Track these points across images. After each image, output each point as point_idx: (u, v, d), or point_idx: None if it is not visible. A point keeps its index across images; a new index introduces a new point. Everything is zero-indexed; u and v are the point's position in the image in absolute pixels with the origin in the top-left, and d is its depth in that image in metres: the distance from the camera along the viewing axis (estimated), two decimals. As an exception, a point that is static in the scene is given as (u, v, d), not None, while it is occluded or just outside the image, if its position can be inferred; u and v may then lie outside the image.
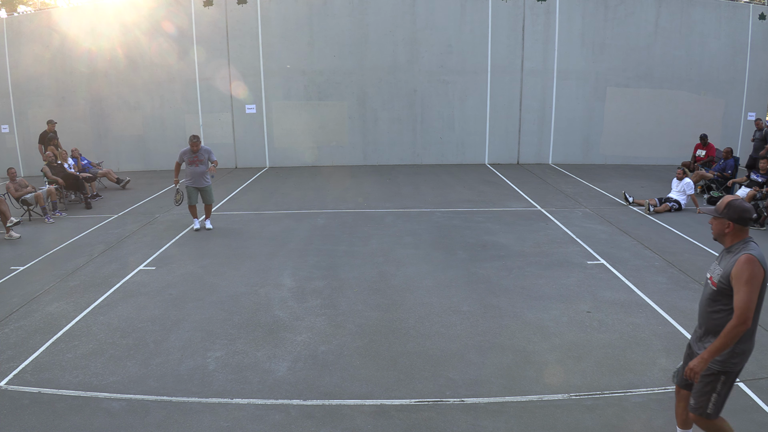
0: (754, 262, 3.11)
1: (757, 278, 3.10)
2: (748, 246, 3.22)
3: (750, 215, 3.26)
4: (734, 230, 3.27)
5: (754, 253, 3.15)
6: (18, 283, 7.10)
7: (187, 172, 9.35)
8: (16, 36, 15.49)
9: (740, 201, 3.28)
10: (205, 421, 4.16)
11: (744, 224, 3.26)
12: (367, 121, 16.03)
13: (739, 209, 3.23)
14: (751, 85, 16.09)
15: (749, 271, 3.09)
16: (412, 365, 4.94)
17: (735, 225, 3.26)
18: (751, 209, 3.30)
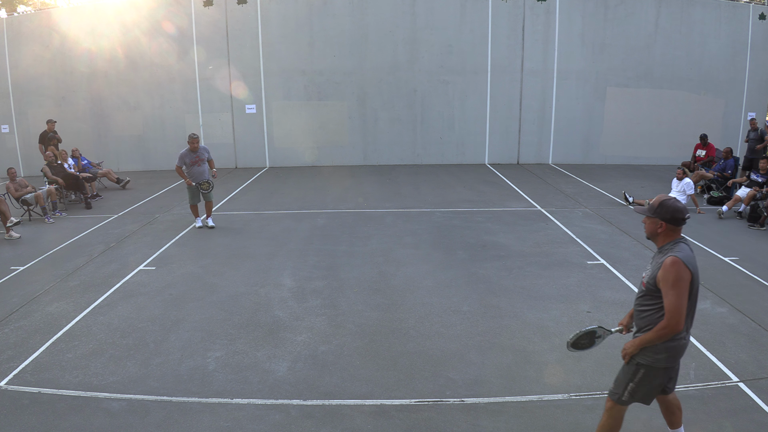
0: (679, 264, 3.08)
1: (684, 280, 3.07)
2: (676, 247, 3.17)
3: (682, 215, 3.21)
4: (666, 230, 3.24)
5: (680, 255, 3.12)
6: (18, 283, 7.09)
7: (188, 173, 9.35)
8: (16, 36, 15.50)
9: (673, 200, 3.25)
10: (205, 421, 4.16)
11: (676, 224, 3.21)
12: (367, 121, 16.03)
13: (671, 209, 3.21)
14: (751, 85, 16.10)
15: (675, 274, 3.06)
16: (412, 365, 4.94)
17: (667, 225, 3.23)
18: (684, 209, 3.25)
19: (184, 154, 9.30)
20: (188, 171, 9.32)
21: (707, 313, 5.95)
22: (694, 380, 4.63)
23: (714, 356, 5.00)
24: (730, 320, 5.76)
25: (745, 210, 9.80)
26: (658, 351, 3.22)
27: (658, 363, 3.24)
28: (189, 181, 9.33)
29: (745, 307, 6.07)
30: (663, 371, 3.29)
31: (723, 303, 6.20)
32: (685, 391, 4.46)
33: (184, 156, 9.29)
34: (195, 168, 9.33)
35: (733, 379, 4.62)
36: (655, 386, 3.35)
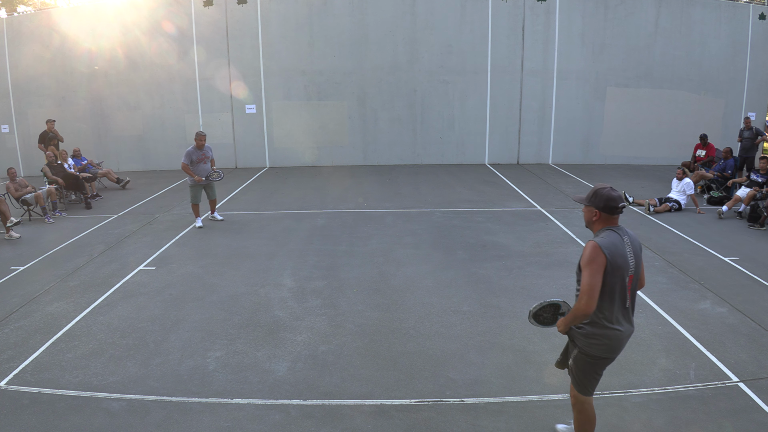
0: (596, 248, 3.18)
1: (596, 262, 3.15)
2: (602, 233, 3.28)
3: (616, 204, 3.28)
4: (601, 218, 3.33)
5: (600, 240, 3.22)
6: (18, 283, 7.10)
7: (193, 171, 9.40)
8: (16, 36, 15.50)
9: (608, 190, 3.32)
10: (205, 421, 4.16)
11: (610, 212, 3.29)
12: (367, 121, 16.03)
13: (605, 197, 3.29)
14: (751, 85, 16.10)
15: (588, 255, 3.18)
16: (412, 365, 4.94)
17: (601, 213, 3.32)
18: (617, 198, 3.30)
19: (190, 151, 9.36)
20: (193, 169, 9.38)
21: (707, 313, 5.95)
22: (694, 380, 4.63)
23: (714, 356, 5.00)
24: (730, 320, 5.76)
25: (745, 210, 9.80)
26: (587, 336, 3.32)
27: (593, 350, 3.33)
28: (198, 177, 9.38)
29: (745, 307, 6.07)
30: (596, 359, 3.37)
31: (723, 303, 6.20)
32: (685, 391, 4.47)
33: (190, 153, 9.35)
34: (201, 165, 9.42)
35: (733, 379, 4.62)
36: (591, 375, 3.46)
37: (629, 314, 3.35)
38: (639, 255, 3.33)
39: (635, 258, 3.29)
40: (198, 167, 9.43)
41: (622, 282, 3.24)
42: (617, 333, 3.29)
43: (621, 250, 3.23)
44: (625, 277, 3.25)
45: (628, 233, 3.34)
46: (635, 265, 3.30)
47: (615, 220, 3.33)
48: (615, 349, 3.37)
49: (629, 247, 3.28)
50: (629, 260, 3.26)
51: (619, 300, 3.26)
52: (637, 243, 3.35)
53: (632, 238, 3.34)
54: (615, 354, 3.41)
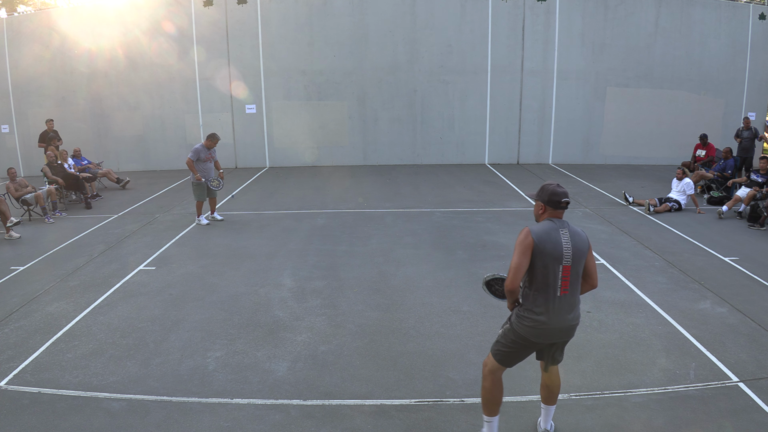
0: (526, 232, 3.40)
1: (523, 244, 3.37)
2: (540, 222, 3.50)
3: (558, 198, 3.46)
4: (546, 211, 3.52)
5: (533, 226, 3.45)
6: (18, 283, 7.09)
7: (198, 168, 9.47)
8: (16, 36, 15.50)
9: (554, 186, 3.51)
10: (205, 421, 4.16)
11: (554, 207, 3.49)
12: (367, 121, 16.03)
13: (548, 192, 3.50)
14: (751, 85, 16.10)
15: (518, 238, 3.41)
16: (412, 365, 4.94)
17: (547, 207, 3.51)
18: (561, 194, 3.47)
19: (199, 149, 9.46)
20: (198, 166, 9.45)
21: (707, 313, 5.95)
22: (694, 380, 4.63)
23: (714, 356, 5.00)
24: (730, 320, 5.76)
25: (745, 210, 9.80)
26: (518, 315, 3.50)
27: (519, 329, 3.48)
28: (199, 177, 9.44)
29: (745, 307, 6.07)
30: (522, 339, 3.50)
31: (723, 303, 6.20)
32: (685, 391, 4.47)
33: (199, 151, 9.45)
34: (206, 164, 9.54)
35: (733, 379, 4.62)
36: (513, 350, 3.56)
37: (566, 305, 3.44)
38: (581, 251, 3.44)
39: (573, 250, 3.40)
40: (204, 166, 9.51)
41: (555, 270, 3.37)
42: (543, 321, 3.42)
43: (553, 238, 3.38)
44: (558, 266, 3.38)
45: (571, 228, 3.48)
46: (573, 257, 3.40)
47: (559, 214, 3.52)
48: (541, 336, 3.48)
49: (566, 238, 3.41)
50: (563, 249, 3.38)
51: (552, 289, 3.39)
52: (580, 238, 3.47)
53: (575, 232, 3.47)
54: (542, 340, 3.52)
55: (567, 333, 3.54)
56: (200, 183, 9.50)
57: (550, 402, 3.84)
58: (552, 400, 3.83)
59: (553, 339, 3.53)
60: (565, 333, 3.52)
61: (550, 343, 3.57)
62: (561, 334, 3.51)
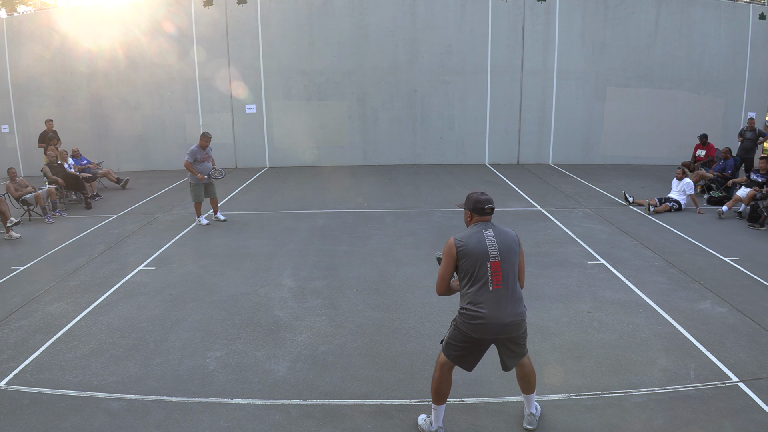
0: (449, 242, 3.68)
1: (446, 255, 3.67)
2: (465, 230, 3.76)
3: (482, 206, 3.76)
4: (473, 218, 3.80)
5: (457, 234, 3.72)
6: (18, 283, 7.10)
7: (197, 169, 9.50)
8: (16, 36, 15.50)
9: (477, 194, 3.81)
10: (205, 421, 4.16)
11: (478, 213, 3.77)
12: (367, 121, 16.03)
13: (472, 201, 3.80)
14: (751, 85, 16.10)
15: (444, 248, 3.70)
16: (412, 365, 4.94)
17: (472, 213, 3.80)
18: (484, 201, 3.77)
19: (195, 150, 9.47)
20: (197, 167, 9.49)
21: (707, 313, 5.95)
22: (694, 380, 4.63)
23: (714, 356, 5.00)
24: (730, 320, 5.76)
25: (745, 210, 9.80)
26: (460, 312, 3.71)
27: (460, 324, 3.68)
28: (202, 176, 9.48)
29: (745, 307, 6.07)
30: (466, 337, 3.65)
31: (723, 303, 6.20)
32: (685, 391, 4.47)
33: (195, 152, 9.47)
34: (204, 164, 9.58)
35: (733, 379, 4.62)
36: (461, 348, 3.71)
37: (501, 300, 3.59)
38: (510, 247, 3.66)
39: (500, 246, 3.63)
40: (201, 166, 9.55)
41: (483, 267, 3.58)
42: (480, 315, 3.58)
43: (476, 239, 3.64)
44: (485, 262, 3.59)
45: (498, 228, 3.73)
46: (500, 253, 3.61)
47: (486, 219, 3.79)
48: (481, 331, 3.60)
49: (491, 237, 3.66)
50: (488, 247, 3.61)
51: (484, 284, 3.59)
52: (507, 236, 3.71)
53: (502, 231, 3.72)
54: (484, 336, 3.63)
55: (509, 328, 3.61)
56: (198, 184, 9.52)
57: (528, 391, 3.98)
58: (530, 389, 3.97)
59: (496, 334, 3.62)
60: (507, 328, 3.61)
61: (494, 339, 3.68)
62: (503, 328, 3.60)
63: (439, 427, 3.90)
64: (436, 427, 3.90)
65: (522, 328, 3.69)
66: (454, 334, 3.75)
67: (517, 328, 3.65)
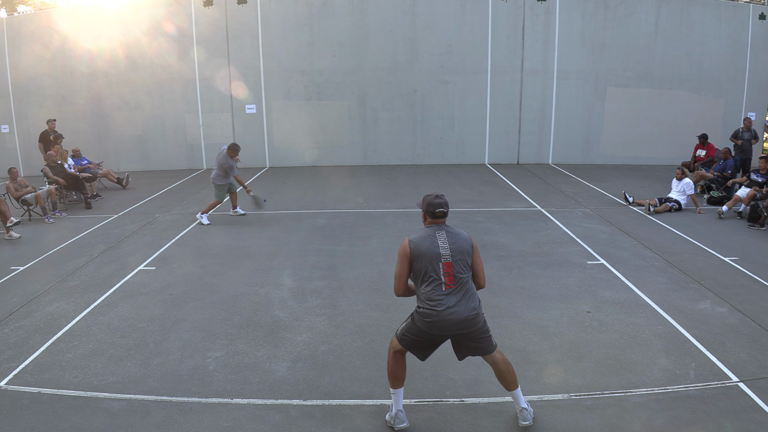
0: (403, 242, 3.87)
1: (400, 254, 3.85)
2: (418, 231, 3.92)
3: (434, 209, 3.90)
4: (427, 219, 3.98)
5: (411, 235, 3.90)
6: (18, 283, 7.10)
7: (222, 173, 9.74)
8: (16, 36, 15.50)
9: (432, 197, 3.96)
10: (205, 421, 4.16)
11: (431, 216, 3.94)
12: (367, 121, 16.03)
13: (425, 203, 3.99)
14: (751, 85, 16.09)
15: (398, 248, 3.89)
16: (412, 365, 4.93)
17: (426, 215, 3.98)
18: (437, 204, 3.90)
19: (232, 164, 9.73)
20: (223, 170, 9.74)
21: (707, 313, 5.95)
22: (694, 380, 4.63)
23: (714, 356, 5.00)
24: (730, 320, 5.76)
25: (745, 210, 9.81)
26: (418, 312, 3.82)
27: (417, 321, 3.82)
28: (248, 189, 10.20)
29: (745, 307, 6.07)
30: (422, 332, 3.80)
31: (723, 303, 6.20)
32: (685, 391, 4.47)
33: (232, 159, 9.77)
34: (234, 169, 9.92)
35: (733, 379, 4.62)
36: (415, 340, 3.87)
37: (454, 299, 3.73)
38: (461, 248, 3.80)
39: (452, 248, 3.77)
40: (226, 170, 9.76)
41: (435, 268, 3.74)
42: (434, 313, 3.71)
43: (428, 241, 3.79)
44: (437, 263, 3.74)
45: (450, 230, 3.86)
46: (452, 255, 3.76)
47: (439, 221, 3.93)
48: (435, 328, 3.75)
49: (443, 239, 3.80)
50: (440, 249, 3.76)
51: (436, 284, 3.73)
52: (459, 238, 3.84)
53: (454, 233, 3.85)
54: (439, 332, 3.78)
55: (464, 324, 3.74)
56: (225, 184, 9.84)
57: (510, 388, 4.01)
58: (512, 386, 3.99)
59: (451, 330, 3.76)
60: (461, 324, 3.73)
61: (451, 335, 3.81)
62: (457, 325, 3.73)
63: (399, 411, 4.00)
64: (395, 411, 4.00)
65: (477, 323, 3.79)
66: (410, 327, 3.89)
67: (472, 324, 3.76)
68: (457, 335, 3.81)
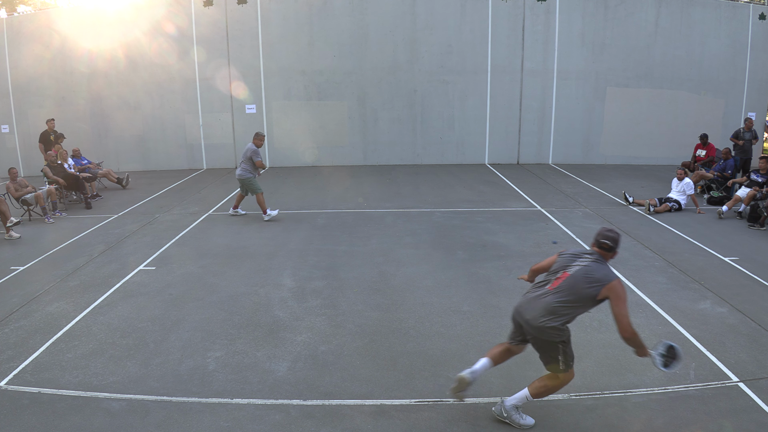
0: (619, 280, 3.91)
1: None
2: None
3: (598, 237, 3.95)
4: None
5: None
6: (18, 283, 7.10)
7: (250, 165, 9.90)
8: (16, 36, 15.49)
9: (603, 229, 4.01)
10: (205, 421, 4.16)
11: (595, 244, 3.97)
12: (367, 121, 16.03)
13: (597, 231, 3.99)
14: (751, 85, 16.09)
15: (621, 289, 3.89)
16: (412, 365, 4.94)
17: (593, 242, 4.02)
18: (601, 234, 3.96)
19: (257, 150, 9.91)
20: (251, 164, 9.89)
21: (707, 313, 5.95)
22: (694, 380, 4.63)
23: (714, 356, 5.00)
24: (730, 320, 5.76)
25: (745, 210, 9.80)
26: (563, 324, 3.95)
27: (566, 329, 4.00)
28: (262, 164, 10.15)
29: (745, 307, 6.07)
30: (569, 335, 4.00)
31: (723, 303, 6.20)
32: (685, 391, 4.47)
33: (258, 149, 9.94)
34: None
35: (733, 379, 4.62)
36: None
37: (537, 298, 3.98)
38: (584, 278, 3.88)
39: (579, 271, 3.94)
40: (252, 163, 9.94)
41: (558, 273, 4.03)
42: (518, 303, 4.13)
43: (578, 259, 4.06)
44: (561, 270, 3.99)
45: (596, 264, 3.92)
46: (573, 275, 3.94)
47: (601, 252, 4.00)
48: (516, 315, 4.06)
49: (584, 262, 3.96)
50: (573, 263, 4.00)
51: (546, 282, 4.07)
52: (590, 271, 3.89)
53: (593, 267, 3.90)
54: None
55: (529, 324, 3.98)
56: (255, 177, 10.02)
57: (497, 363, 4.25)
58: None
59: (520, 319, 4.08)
60: (527, 321, 3.99)
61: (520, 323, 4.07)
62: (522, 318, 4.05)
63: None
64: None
65: (542, 333, 3.87)
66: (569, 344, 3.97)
67: (536, 330, 3.88)
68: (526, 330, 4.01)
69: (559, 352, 3.86)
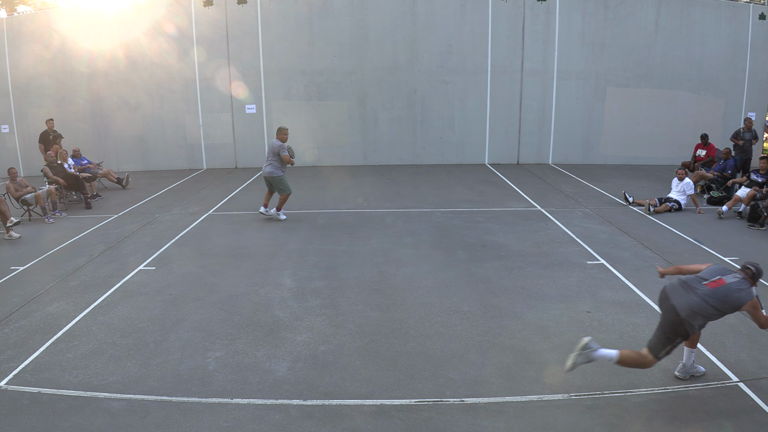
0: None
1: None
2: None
3: (743, 264, 4.37)
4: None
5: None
6: (18, 283, 7.10)
7: (279, 161, 9.82)
8: (16, 36, 15.49)
9: (753, 263, 4.41)
10: (205, 421, 4.16)
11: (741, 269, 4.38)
12: (367, 121, 16.03)
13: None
14: (751, 85, 16.09)
15: (760, 309, 4.36)
16: (412, 365, 4.94)
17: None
18: (746, 264, 4.34)
19: (285, 145, 9.76)
20: (279, 161, 9.82)
21: (707, 313, 5.95)
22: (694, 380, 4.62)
23: (714, 356, 5.00)
24: (730, 320, 5.74)
25: (745, 210, 9.80)
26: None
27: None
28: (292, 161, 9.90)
29: (745, 307, 6.06)
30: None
31: (723, 303, 6.19)
32: (685, 391, 4.47)
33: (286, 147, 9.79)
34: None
35: (733, 379, 4.62)
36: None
37: (689, 289, 4.38)
38: (724, 296, 4.27)
39: (723, 288, 4.32)
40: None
41: (713, 276, 4.45)
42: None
43: (730, 275, 4.47)
44: (715, 277, 4.42)
45: (738, 284, 4.33)
46: (720, 286, 4.35)
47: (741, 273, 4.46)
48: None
49: (730, 279, 4.39)
50: (724, 277, 4.43)
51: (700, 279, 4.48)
52: (729, 291, 4.28)
53: (735, 288, 4.30)
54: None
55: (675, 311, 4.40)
56: (284, 174, 9.94)
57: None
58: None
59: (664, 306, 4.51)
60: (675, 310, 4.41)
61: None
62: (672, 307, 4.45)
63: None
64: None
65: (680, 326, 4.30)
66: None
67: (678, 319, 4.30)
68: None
69: (669, 344, 4.30)
